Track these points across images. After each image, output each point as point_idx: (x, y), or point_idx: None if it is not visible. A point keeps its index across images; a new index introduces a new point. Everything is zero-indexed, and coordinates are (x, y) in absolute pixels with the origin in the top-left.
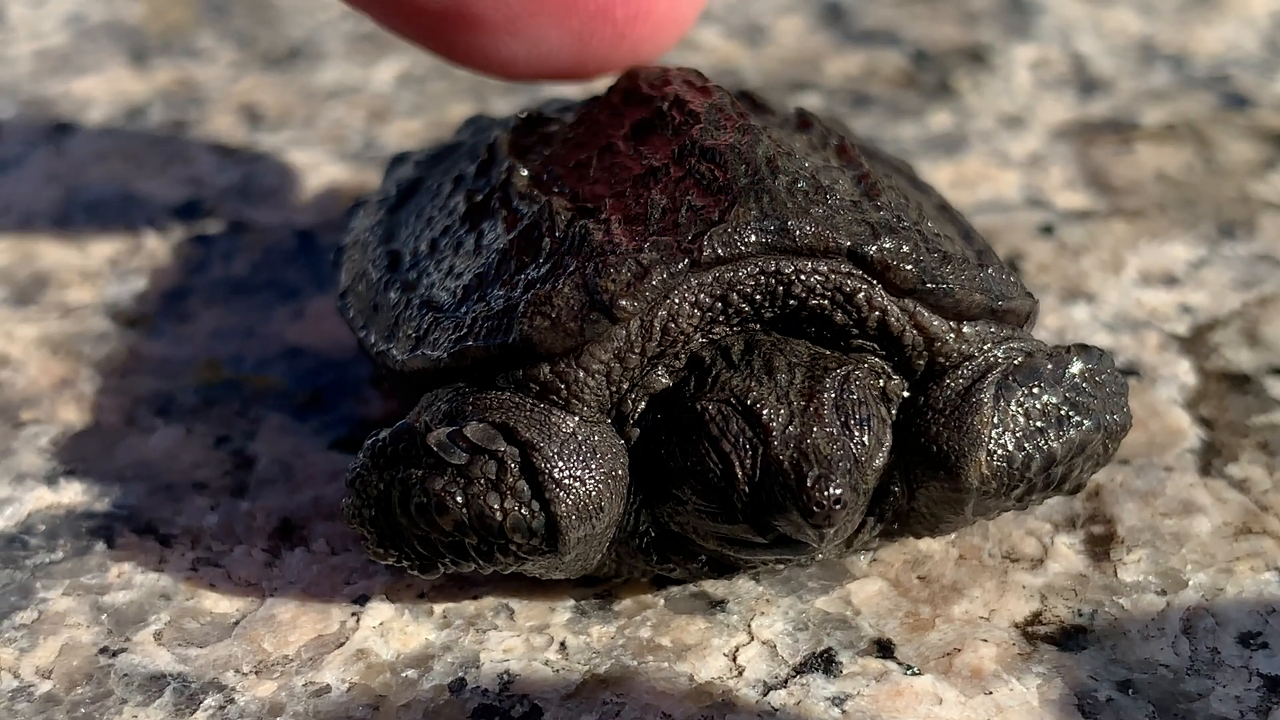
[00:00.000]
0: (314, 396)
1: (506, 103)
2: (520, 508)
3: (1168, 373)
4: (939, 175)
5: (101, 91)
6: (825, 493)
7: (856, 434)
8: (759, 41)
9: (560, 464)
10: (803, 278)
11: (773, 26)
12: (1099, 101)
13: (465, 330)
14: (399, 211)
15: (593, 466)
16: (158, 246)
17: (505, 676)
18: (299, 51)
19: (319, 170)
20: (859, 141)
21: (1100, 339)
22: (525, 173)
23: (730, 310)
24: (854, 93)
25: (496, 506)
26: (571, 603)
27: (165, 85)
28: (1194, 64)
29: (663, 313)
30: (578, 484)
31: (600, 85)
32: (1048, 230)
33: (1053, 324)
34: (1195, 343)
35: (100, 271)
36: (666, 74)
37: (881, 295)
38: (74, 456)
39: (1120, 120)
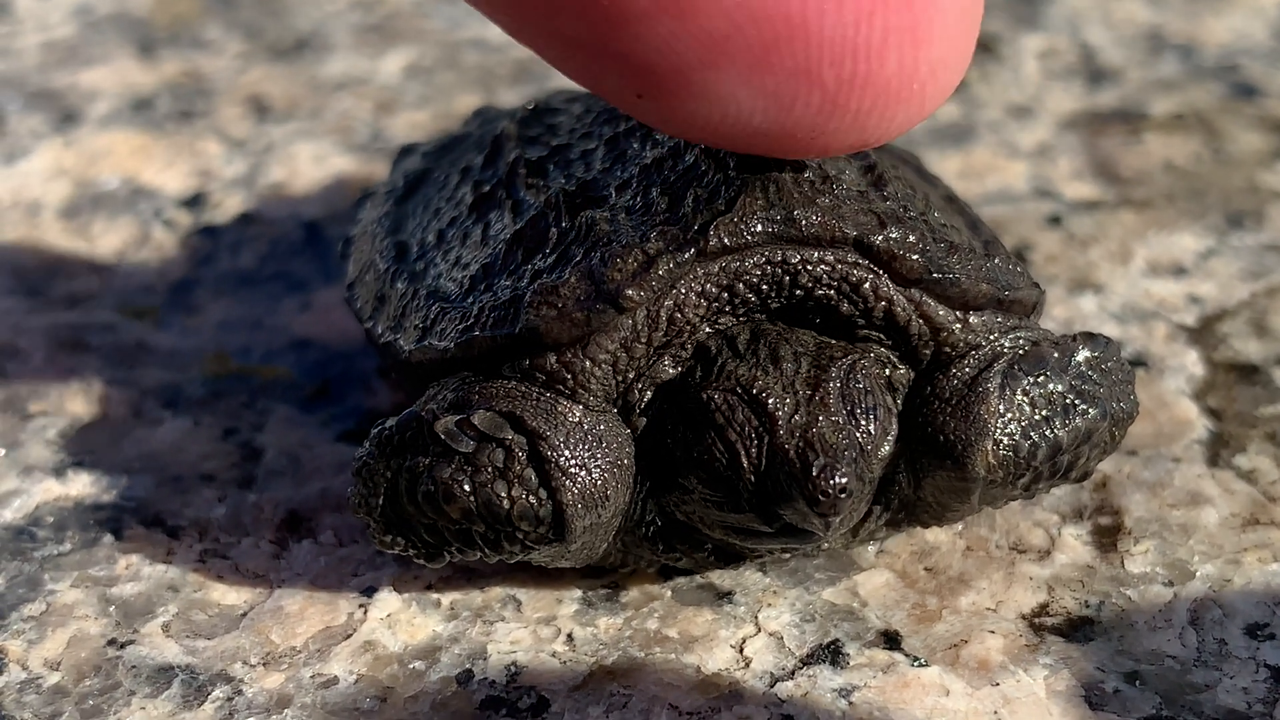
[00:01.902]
0: (322, 388)
1: (514, 94)
2: (527, 496)
3: (1176, 363)
4: (947, 166)
5: (109, 83)
6: (831, 481)
7: (862, 423)
8: None
9: (567, 452)
10: (809, 267)
11: None
12: (1107, 92)
13: (472, 320)
14: (406, 203)
15: (599, 455)
16: (165, 238)
17: (512, 668)
18: (306, 43)
19: (326, 162)
20: None
21: (1108, 329)
22: (532, 163)
23: (736, 300)
24: None
25: (504, 494)
26: (578, 594)
27: (172, 77)
28: (1203, 54)
29: (669, 302)
30: (584, 472)
31: None
32: (1056, 221)
33: (1061, 314)
34: (1203, 333)
35: (108, 263)
36: None
37: (888, 285)
38: (82, 448)
39: (1129, 110)
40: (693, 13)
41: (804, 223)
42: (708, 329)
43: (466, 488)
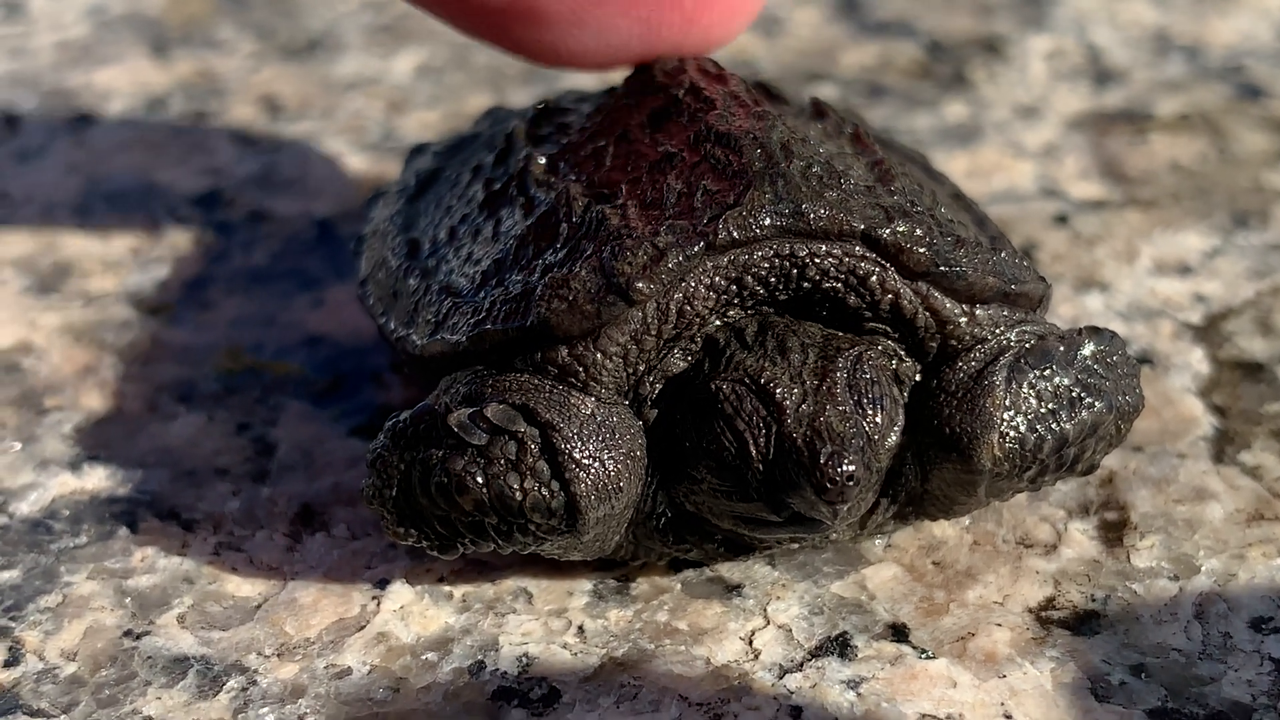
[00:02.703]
0: (334, 384)
1: (524, 94)
2: (540, 488)
3: (1181, 361)
4: (954, 165)
5: (122, 82)
6: (839, 469)
7: (869, 413)
8: (775, 32)
9: (579, 444)
10: (817, 260)
11: (788, 18)
12: (1114, 92)
13: (484, 314)
14: (418, 201)
15: (611, 447)
16: (179, 236)
17: (524, 659)
18: (318, 43)
19: (338, 160)
20: (873, 131)
21: (1114, 328)
22: (542, 160)
23: (745, 293)
24: (869, 83)
25: (516, 486)
26: (589, 587)
27: (185, 76)
28: (1208, 55)
29: (678, 295)
30: (597, 464)
31: (617, 76)
32: (1062, 220)
33: (1067, 313)
34: (1209, 331)
35: (122, 260)
36: (682, 63)
37: (895, 278)
38: (97, 443)
39: (1135, 111)
40: None
41: (812, 216)
42: (717, 321)
43: (479, 480)
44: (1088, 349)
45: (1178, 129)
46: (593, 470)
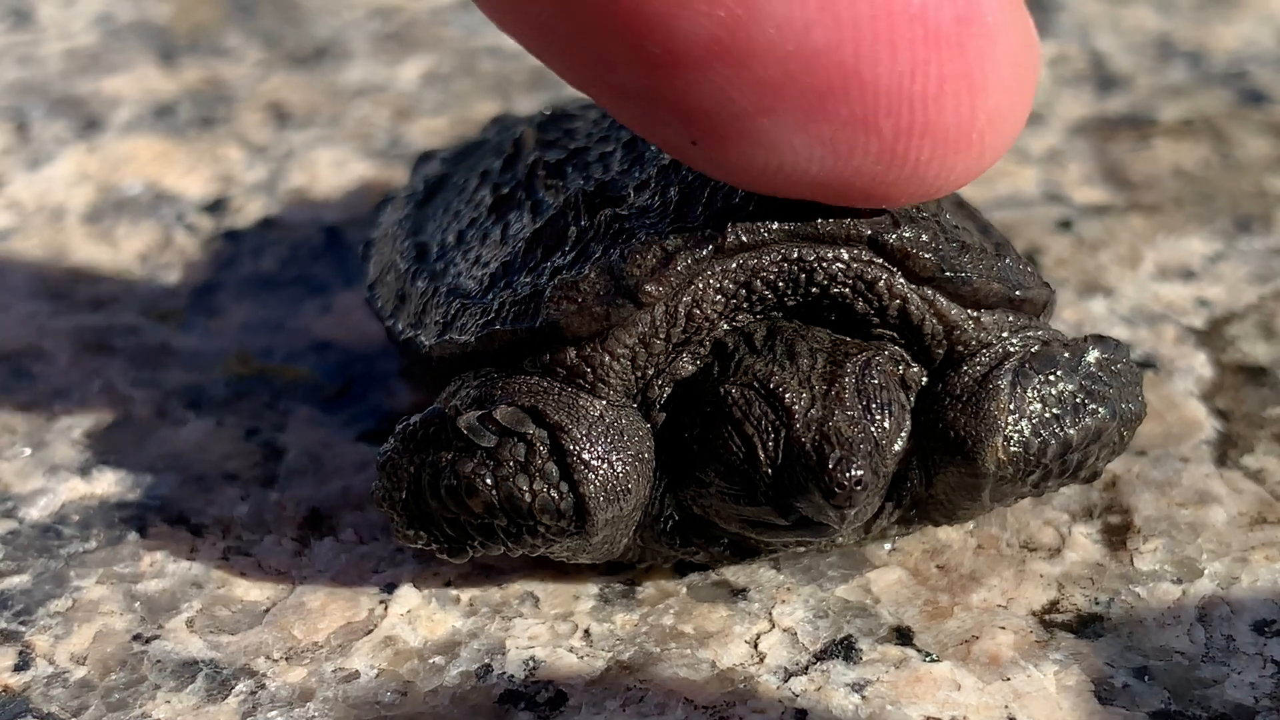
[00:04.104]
0: (342, 389)
1: (530, 101)
2: (549, 489)
3: (1184, 365)
4: None
5: (131, 90)
6: (847, 474)
7: (877, 418)
8: None
9: (588, 446)
10: (824, 265)
11: None
12: (1117, 98)
13: (492, 315)
14: (426, 206)
15: (620, 449)
16: (187, 243)
17: (531, 663)
18: (325, 50)
19: (345, 167)
20: None
21: (1118, 332)
22: (551, 165)
23: (754, 297)
24: None
25: (525, 488)
26: (595, 590)
27: (193, 84)
28: (1211, 60)
29: (687, 298)
30: (606, 466)
31: None
32: (1066, 225)
33: (1070, 317)
34: (1212, 336)
35: (131, 267)
36: None
37: (901, 283)
38: (106, 448)
39: (1138, 116)
40: (747, 60)
41: (820, 221)
42: (725, 325)
43: (489, 481)
44: (1092, 356)
45: (1181, 134)
46: (601, 471)
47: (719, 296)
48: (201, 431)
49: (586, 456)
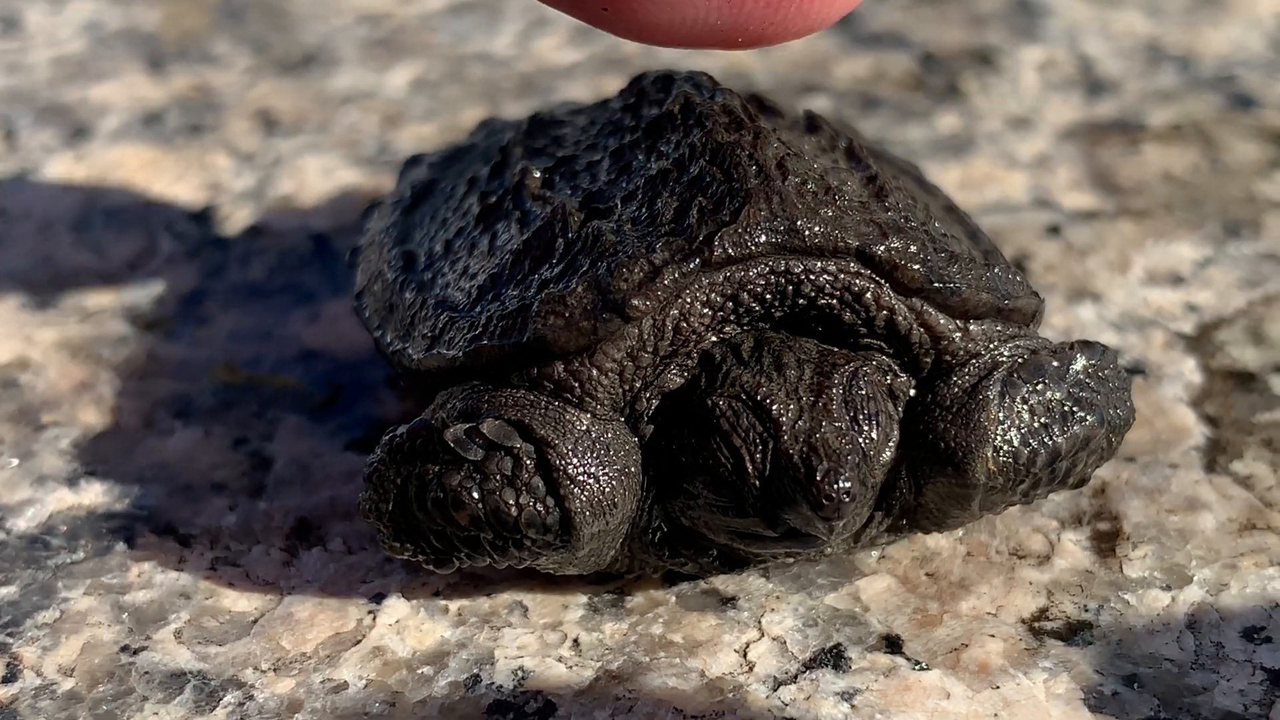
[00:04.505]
0: (330, 398)
1: (519, 106)
2: (535, 503)
3: (1173, 371)
4: (947, 177)
5: (119, 97)
6: (834, 486)
7: (865, 428)
8: None
9: (574, 460)
10: (812, 277)
11: None
12: (1106, 103)
13: (480, 329)
14: (413, 213)
15: (606, 463)
16: (175, 251)
17: (520, 673)
18: (313, 57)
19: (334, 174)
20: (867, 143)
21: (1107, 338)
22: (538, 174)
23: (741, 309)
24: (862, 95)
25: (512, 502)
26: (584, 600)
27: (181, 91)
28: (1200, 65)
29: (674, 312)
30: (591, 480)
31: (611, 88)
32: (1055, 231)
33: (1059, 323)
34: (1201, 341)
35: (119, 276)
36: (676, 77)
37: (889, 294)
38: (94, 458)
39: (1127, 121)
40: None
41: (807, 233)
42: (713, 338)
43: (475, 495)
44: (1079, 363)
45: (1170, 139)
46: (587, 486)
47: (706, 310)
48: (189, 441)
49: (572, 471)
